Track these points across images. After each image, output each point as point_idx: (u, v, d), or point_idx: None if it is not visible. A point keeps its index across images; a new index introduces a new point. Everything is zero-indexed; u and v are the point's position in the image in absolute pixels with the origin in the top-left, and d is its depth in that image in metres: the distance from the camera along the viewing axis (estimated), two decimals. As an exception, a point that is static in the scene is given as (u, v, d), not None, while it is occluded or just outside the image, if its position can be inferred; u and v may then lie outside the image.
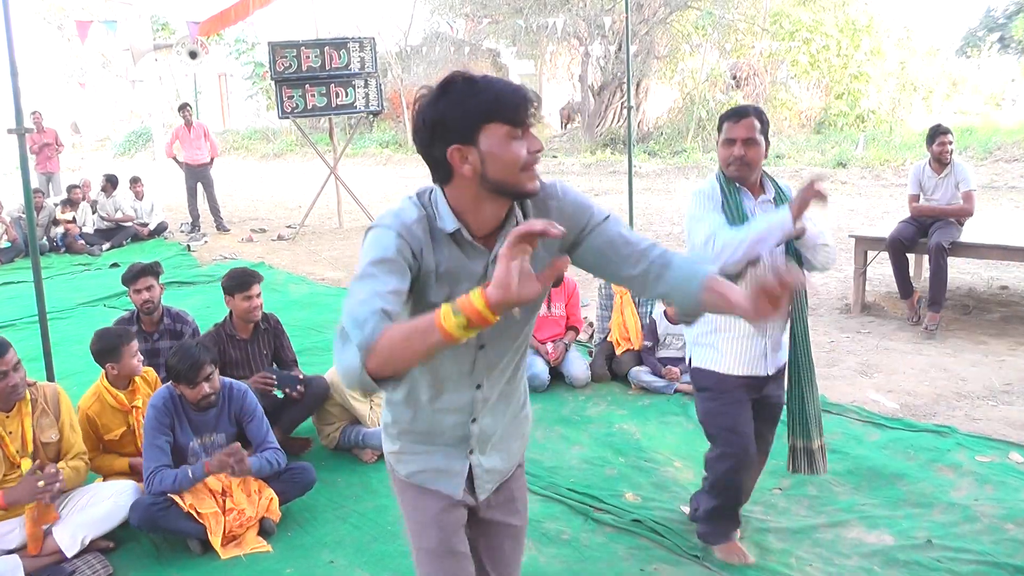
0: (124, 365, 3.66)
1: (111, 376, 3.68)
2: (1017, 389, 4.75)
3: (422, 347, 1.42)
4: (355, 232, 11.04)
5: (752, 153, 2.79)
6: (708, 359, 2.97)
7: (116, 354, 3.65)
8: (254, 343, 4.22)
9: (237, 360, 4.18)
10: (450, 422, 1.87)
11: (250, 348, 4.19)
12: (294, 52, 10.25)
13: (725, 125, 2.84)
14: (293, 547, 3.37)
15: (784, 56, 18.78)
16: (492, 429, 1.92)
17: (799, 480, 3.60)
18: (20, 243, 9.96)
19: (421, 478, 1.93)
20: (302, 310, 7.01)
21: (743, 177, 2.83)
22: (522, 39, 20.45)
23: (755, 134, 2.78)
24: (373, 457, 4.12)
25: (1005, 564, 3.01)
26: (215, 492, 3.37)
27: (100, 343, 3.68)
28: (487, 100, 1.58)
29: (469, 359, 1.79)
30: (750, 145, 2.78)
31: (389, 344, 1.42)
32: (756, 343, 2.88)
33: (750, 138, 2.78)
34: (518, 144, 1.61)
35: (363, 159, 20.67)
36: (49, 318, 4.45)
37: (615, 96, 19.77)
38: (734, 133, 2.80)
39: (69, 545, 3.19)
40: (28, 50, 23.74)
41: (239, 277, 4.18)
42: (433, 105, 1.60)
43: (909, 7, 20.15)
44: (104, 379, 3.69)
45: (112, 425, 3.67)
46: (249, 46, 25.21)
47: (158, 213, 11.44)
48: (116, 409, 3.67)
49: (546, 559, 3.20)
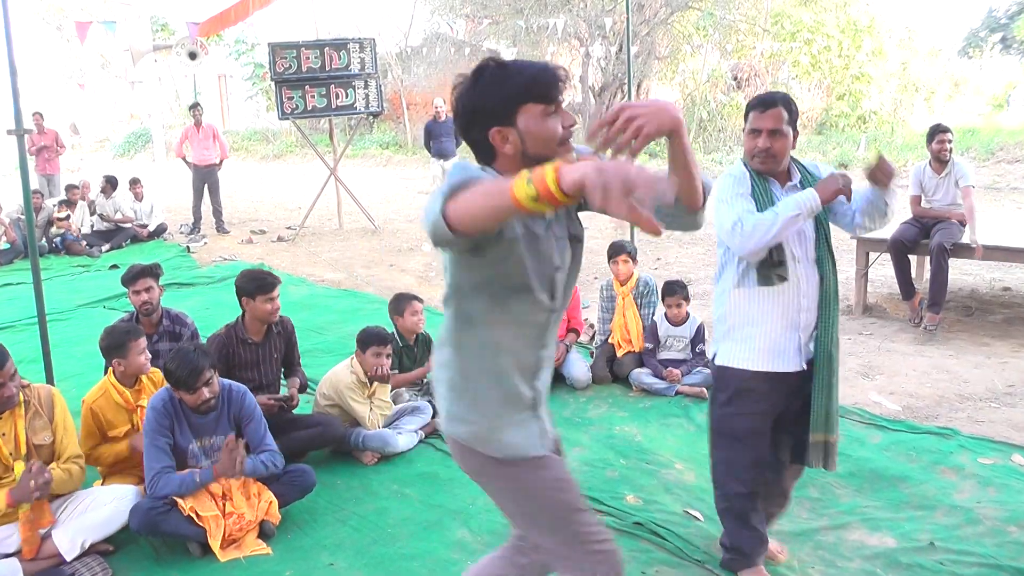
0: (131, 362, 3.66)
1: (118, 372, 3.69)
2: (1020, 391, 4.74)
3: (494, 206, 1.46)
4: (355, 233, 11.03)
5: (778, 145, 2.69)
6: (738, 355, 2.80)
7: (123, 350, 3.65)
8: (265, 346, 4.17)
9: (247, 362, 4.12)
10: (525, 386, 1.94)
11: (261, 351, 4.15)
12: (294, 53, 10.24)
13: (751, 115, 2.72)
14: (292, 549, 3.36)
15: (785, 57, 18.77)
16: (543, 389, 2.02)
17: (801, 482, 3.57)
18: (19, 244, 9.94)
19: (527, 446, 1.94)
20: (302, 311, 6.99)
21: (769, 170, 2.74)
22: (522, 40, 20.43)
23: (782, 125, 2.67)
24: (373, 459, 4.10)
25: (1008, 567, 3.00)
26: (215, 495, 3.36)
27: (108, 338, 3.71)
28: (521, 82, 1.71)
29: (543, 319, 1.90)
30: (776, 137, 2.68)
31: (471, 194, 1.49)
32: (791, 336, 2.74)
33: (776, 129, 2.67)
34: (553, 120, 1.74)
35: (363, 160, 20.67)
36: (48, 320, 4.44)
37: (616, 97, 19.74)
38: (760, 123, 2.69)
39: (68, 548, 3.18)
40: (27, 51, 23.75)
41: (260, 279, 4.07)
42: (470, 92, 1.74)
43: (911, 7, 20.18)
44: (111, 375, 3.70)
45: (116, 422, 3.67)
46: (249, 47, 25.21)
47: (158, 214, 11.42)
48: (121, 406, 3.67)
49: (547, 562, 3.19)
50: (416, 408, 4.45)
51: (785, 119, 2.68)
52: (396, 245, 10.15)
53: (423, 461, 4.13)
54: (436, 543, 3.35)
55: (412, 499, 3.75)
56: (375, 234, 10.92)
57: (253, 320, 4.12)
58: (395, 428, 4.30)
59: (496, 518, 3.52)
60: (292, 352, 4.38)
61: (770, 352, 2.75)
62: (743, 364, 2.78)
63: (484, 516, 3.54)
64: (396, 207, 13.40)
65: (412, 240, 10.37)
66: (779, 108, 2.67)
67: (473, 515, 3.56)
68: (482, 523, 3.49)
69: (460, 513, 3.59)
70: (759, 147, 2.69)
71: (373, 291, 7.81)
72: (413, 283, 8.16)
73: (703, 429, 4.36)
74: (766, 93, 2.81)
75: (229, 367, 4.04)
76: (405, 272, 8.66)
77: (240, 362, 4.10)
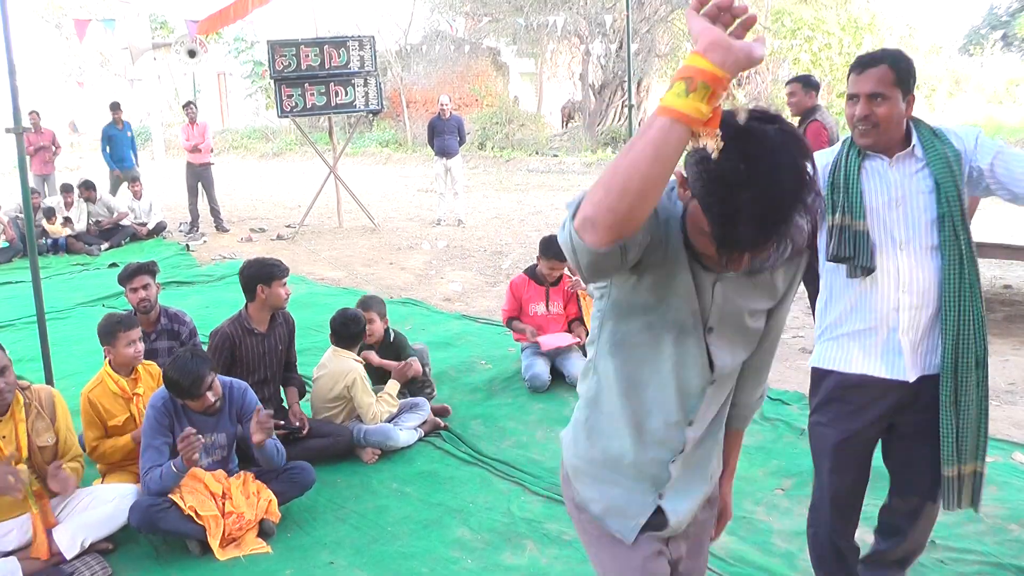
0: (119, 352, 3.71)
1: (112, 362, 3.74)
2: (1021, 389, 4.73)
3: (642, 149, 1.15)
4: (355, 232, 11.02)
5: (881, 111, 2.22)
6: (823, 355, 2.44)
7: (111, 338, 3.71)
8: (271, 336, 4.19)
9: (254, 353, 4.14)
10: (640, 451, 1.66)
11: (267, 341, 4.17)
12: (293, 51, 10.23)
13: (849, 78, 2.29)
14: (292, 548, 3.35)
15: (786, 54, 18.75)
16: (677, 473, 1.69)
17: (801, 481, 3.58)
18: (18, 243, 9.93)
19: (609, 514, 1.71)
20: (301, 310, 6.97)
21: (871, 143, 2.27)
22: (522, 37, 20.45)
23: (886, 87, 2.21)
24: (373, 457, 4.10)
25: (1009, 565, 2.99)
26: (215, 495, 3.35)
27: (101, 326, 3.78)
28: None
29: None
30: (877, 101, 2.22)
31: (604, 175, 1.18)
32: (888, 337, 2.31)
33: (877, 93, 2.21)
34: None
35: (363, 158, 20.66)
36: (47, 318, 4.44)
37: (616, 95, 19.76)
38: (856, 87, 2.25)
39: (68, 547, 3.18)
40: (26, 49, 23.72)
41: (274, 264, 4.14)
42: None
43: (912, 5, 20.25)
44: (108, 365, 3.75)
45: (114, 411, 3.69)
46: (248, 45, 25.19)
47: (156, 213, 11.41)
48: (117, 395, 3.71)
49: (548, 560, 3.18)
50: (415, 405, 4.44)
51: (891, 79, 2.21)
52: (396, 243, 10.14)
53: (423, 459, 4.13)
54: (436, 541, 3.35)
55: (412, 497, 3.74)
56: (375, 232, 10.91)
57: (260, 310, 4.14)
58: (395, 424, 4.28)
59: (496, 516, 3.52)
60: (291, 348, 4.37)
61: (860, 353, 2.35)
62: (826, 364, 2.43)
63: (484, 514, 3.53)
64: (396, 205, 13.39)
65: (412, 238, 10.36)
66: (883, 67, 2.21)
67: (473, 513, 3.55)
68: (482, 521, 3.48)
69: (460, 511, 3.58)
70: (857, 114, 2.25)
71: (373, 289, 7.79)
72: (413, 281, 8.16)
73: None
74: (871, 52, 2.33)
75: (235, 361, 4.05)
76: (405, 270, 8.65)
77: (247, 354, 4.10)
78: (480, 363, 5.44)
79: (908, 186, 2.26)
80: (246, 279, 4.13)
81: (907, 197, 2.26)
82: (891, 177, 2.27)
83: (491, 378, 5.16)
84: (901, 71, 2.22)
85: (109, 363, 3.75)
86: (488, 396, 4.94)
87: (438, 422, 4.44)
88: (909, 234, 2.25)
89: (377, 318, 4.64)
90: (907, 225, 2.25)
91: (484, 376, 5.21)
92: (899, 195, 2.26)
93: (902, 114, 2.24)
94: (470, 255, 9.20)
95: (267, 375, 4.19)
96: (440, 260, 9.04)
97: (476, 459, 4.09)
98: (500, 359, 5.40)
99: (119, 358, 3.71)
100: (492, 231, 10.55)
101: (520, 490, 3.75)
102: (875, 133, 2.25)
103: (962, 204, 2.23)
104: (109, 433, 3.70)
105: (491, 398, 4.91)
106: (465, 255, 9.22)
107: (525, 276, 5.27)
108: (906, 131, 2.29)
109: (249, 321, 4.14)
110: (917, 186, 2.26)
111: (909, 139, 2.28)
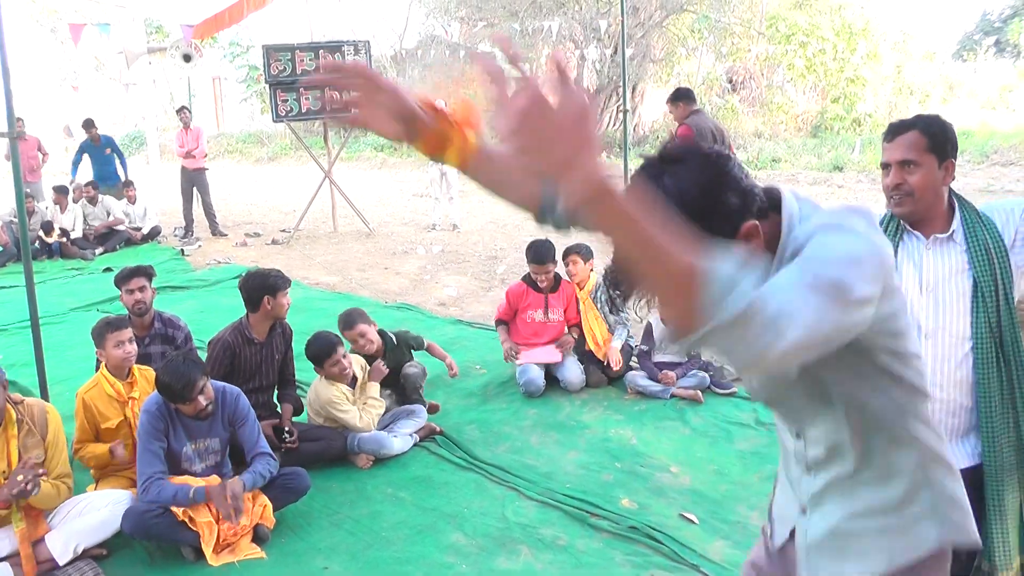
0: (108, 353, 3.70)
1: (105, 364, 3.73)
2: None
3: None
4: (350, 236, 11.01)
5: (915, 180, 2.11)
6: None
7: (100, 339, 3.71)
8: (268, 346, 4.21)
9: (251, 363, 4.15)
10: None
11: (265, 351, 4.20)
12: (288, 55, 10.23)
13: (883, 144, 2.19)
14: (287, 554, 3.35)
15: (780, 60, 18.83)
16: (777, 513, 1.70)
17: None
18: (11, 247, 9.90)
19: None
20: (296, 315, 6.90)
21: (907, 213, 2.15)
22: (517, 42, 20.47)
23: (917, 154, 2.10)
24: (368, 463, 4.09)
25: (1004, 570, 2.99)
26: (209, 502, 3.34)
27: (94, 327, 3.78)
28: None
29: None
30: (909, 169, 2.12)
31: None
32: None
33: (908, 160, 2.11)
34: None
35: (358, 163, 20.64)
36: (41, 323, 4.42)
37: (611, 100, 19.76)
38: (887, 155, 2.16)
39: (61, 553, 3.17)
40: (20, 53, 23.68)
41: (278, 274, 4.22)
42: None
43: (905, 11, 20.31)
44: (103, 368, 3.74)
45: (108, 413, 3.67)
46: (243, 49, 25.21)
47: (151, 217, 11.39)
48: (112, 398, 3.69)
49: (542, 565, 3.18)
50: (411, 411, 4.43)
51: (924, 145, 2.10)
52: (390, 248, 10.13)
53: (417, 465, 4.12)
54: (430, 547, 3.34)
55: (406, 503, 3.74)
56: (369, 237, 10.90)
57: (261, 320, 4.16)
58: (390, 431, 4.28)
59: (490, 522, 3.51)
60: (288, 360, 4.36)
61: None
62: None
63: (478, 520, 3.53)
64: (390, 210, 13.38)
65: (406, 243, 10.36)
66: (914, 132, 2.11)
67: (467, 519, 3.55)
68: (476, 527, 3.48)
69: (454, 517, 3.58)
70: (889, 184, 2.14)
71: (368, 294, 7.79)
72: (408, 286, 8.15)
73: (697, 432, 4.37)
74: (902, 120, 2.20)
75: (233, 369, 4.05)
76: (399, 275, 8.65)
77: (245, 363, 4.12)
78: (475, 368, 5.43)
79: (942, 272, 2.13)
80: (251, 291, 4.14)
81: (940, 284, 2.13)
82: (926, 260, 2.15)
83: (486, 383, 5.16)
84: (934, 136, 2.11)
85: (104, 366, 3.74)
86: (483, 401, 4.94)
87: (433, 427, 4.43)
88: (936, 322, 2.12)
89: (368, 330, 4.57)
90: (936, 314, 2.12)
91: (479, 381, 5.21)
92: (931, 280, 2.14)
93: (939, 182, 2.12)
94: (465, 260, 9.20)
95: (262, 383, 4.20)
96: (435, 265, 9.03)
97: (471, 464, 4.08)
98: (495, 364, 5.40)
99: (109, 359, 3.70)
100: (487, 236, 10.55)
101: (515, 495, 3.75)
102: (910, 202, 2.13)
103: (1008, 299, 2.07)
104: (100, 436, 3.68)
105: (486, 403, 4.91)
106: (460, 260, 9.22)
107: (523, 284, 5.25)
108: (949, 207, 2.17)
109: (249, 330, 4.15)
110: (953, 275, 2.12)
111: (951, 220, 2.16)
